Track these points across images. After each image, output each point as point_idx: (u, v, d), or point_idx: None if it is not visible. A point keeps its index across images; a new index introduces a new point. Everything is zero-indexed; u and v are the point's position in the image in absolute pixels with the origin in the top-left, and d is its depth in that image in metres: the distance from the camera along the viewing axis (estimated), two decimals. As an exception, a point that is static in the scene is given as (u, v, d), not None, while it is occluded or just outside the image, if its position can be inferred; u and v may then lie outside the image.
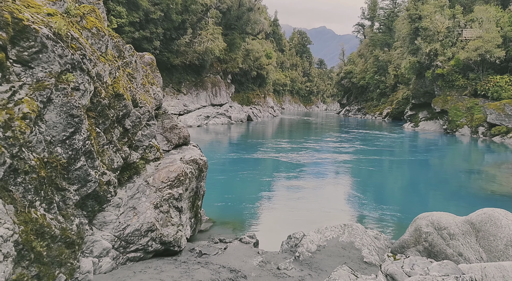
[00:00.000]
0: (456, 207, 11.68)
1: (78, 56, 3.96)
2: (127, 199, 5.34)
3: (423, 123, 49.06)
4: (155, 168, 6.03)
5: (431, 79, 44.85)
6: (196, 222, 7.28)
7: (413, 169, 19.59)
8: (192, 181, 6.41)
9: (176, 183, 5.81)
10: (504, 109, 36.53)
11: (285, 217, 9.92)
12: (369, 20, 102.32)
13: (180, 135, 7.06)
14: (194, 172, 6.64)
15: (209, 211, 9.81)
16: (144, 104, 5.50)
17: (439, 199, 12.98)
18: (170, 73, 43.69)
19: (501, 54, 37.69)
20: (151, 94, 5.95)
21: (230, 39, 51.08)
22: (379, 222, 9.80)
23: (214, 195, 12.06)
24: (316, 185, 14.07)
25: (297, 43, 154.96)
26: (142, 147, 5.71)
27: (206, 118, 46.56)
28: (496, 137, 35.74)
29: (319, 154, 22.69)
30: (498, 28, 38.98)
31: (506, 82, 39.20)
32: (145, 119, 5.57)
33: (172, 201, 5.72)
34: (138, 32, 37.09)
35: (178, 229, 5.79)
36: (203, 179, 7.18)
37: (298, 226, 8.55)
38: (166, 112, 7.00)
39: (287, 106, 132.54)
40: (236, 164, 18.68)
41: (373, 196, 12.96)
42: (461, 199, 12.83)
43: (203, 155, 7.33)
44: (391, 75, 79.34)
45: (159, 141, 6.86)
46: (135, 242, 5.05)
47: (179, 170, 5.90)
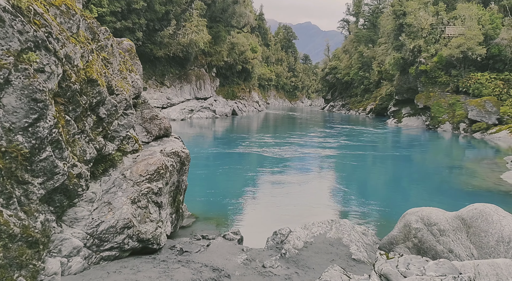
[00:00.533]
0: (440, 202, 11.64)
1: (43, 33, 3.54)
2: (101, 193, 4.94)
3: (406, 119, 49.58)
4: (133, 160, 5.63)
5: (414, 76, 45.27)
6: (177, 217, 6.92)
7: (397, 164, 19.62)
8: (173, 174, 6.04)
9: (155, 176, 5.44)
10: (485, 106, 37.15)
11: (271, 213, 9.65)
12: (354, 16, 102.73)
13: (160, 126, 6.67)
14: (176, 165, 6.27)
15: (192, 206, 9.45)
16: (121, 92, 5.09)
17: (423, 194, 12.94)
18: (153, 66, 42.77)
19: (482, 52, 38.25)
20: (129, 82, 5.54)
21: (215, 32, 50.33)
22: (366, 218, 9.63)
23: (197, 189, 11.70)
24: (301, 180, 13.85)
25: (283, 38, 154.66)
26: (118, 138, 5.31)
27: (190, 112, 45.88)
28: (477, 133, 36.34)
29: (304, 149, 22.53)
30: (479, 26, 39.54)
31: (487, 80, 39.87)
32: (122, 108, 5.17)
33: (151, 195, 5.35)
34: (120, 22, 36.08)
35: (157, 225, 5.43)
36: (185, 173, 6.82)
37: (284, 222, 8.29)
38: (146, 101, 6.59)
39: (272, 101, 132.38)
40: (220, 159, 18.32)
41: (358, 191, 12.83)
42: (444, 194, 12.83)
43: (185, 147, 6.96)
44: (375, 72, 79.96)
45: (138, 132, 6.46)
46: (109, 240, 4.67)
47: (159, 163, 5.53)
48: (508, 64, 39.31)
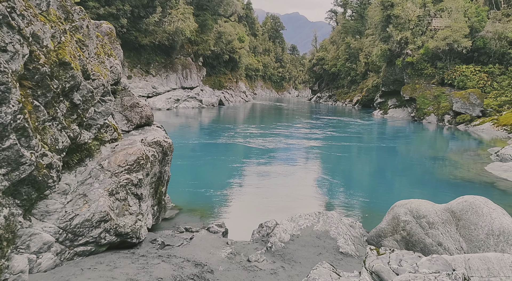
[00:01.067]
0: (426, 193, 11.64)
1: (4, 8, 3.19)
2: (76, 185, 4.63)
3: (392, 111, 49.92)
4: (112, 150, 5.32)
5: (401, 67, 45.46)
6: (159, 209, 6.65)
7: (382, 155, 19.65)
8: (154, 165, 5.75)
9: (135, 167, 5.14)
10: (469, 98, 37.58)
11: (257, 204, 9.45)
12: (341, 7, 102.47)
13: (142, 114, 6.34)
14: (157, 155, 5.98)
15: (175, 197, 9.18)
16: (98, 77, 4.75)
17: (409, 186, 12.94)
18: (138, 54, 41.84)
19: (467, 44, 38.56)
20: (107, 66, 5.18)
21: (202, 20, 49.44)
22: (353, 209, 9.52)
23: (182, 180, 11.41)
24: (288, 171, 13.68)
25: (270, 28, 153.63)
26: (95, 126, 4.98)
27: (176, 101, 45.19)
28: (461, 125, 36.81)
29: (290, 140, 22.39)
30: (465, 19, 39.79)
31: (471, 72, 40.31)
32: (99, 94, 4.83)
33: (130, 187, 5.06)
34: (103, 8, 35.04)
35: (137, 218, 5.15)
36: (168, 163, 6.53)
37: (270, 214, 8.11)
38: (126, 88, 6.24)
39: (259, 91, 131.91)
40: (206, 149, 18.02)
41: (345, 183, 12.73)
42: (430, 186, 12.85)
43: (168, 136, 6.66)
44: (362, 63, 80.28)
45: (118, 120, 6.12)
46: (84, 234, 4.38)
47: (139, 153, 5.23)
48: (492, 57, 39.79)
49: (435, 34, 42.22)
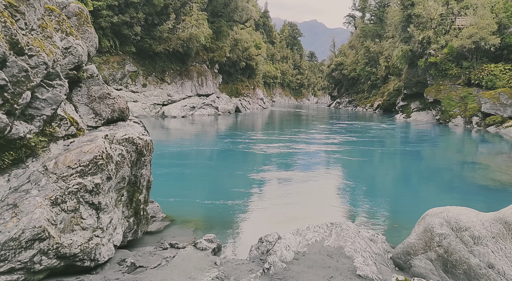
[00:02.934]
0: (461, 199, 10.14)
1: None
2: (6, 192, 3.58)
3: (415, 114, 47.80)
4: (65, 148, 4.26)
5: (423, 68, 43.48)
6: (137, 221, 5.54)
7: (407, 160, 18.06)
8: (122, 166, 4.65)
9: (91, 168, 4.06)
10: (499, 98, 35.28)
11: (261, 215, 8.21)
12: (360, 11, 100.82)
13: (114, 107, 5.29)
14: (129, 155, 4.89)
15: (169, 206, 8.08)
16: (38, 53, 3.72)
17: (439, 192, 11.43)
18: (153, 61, 41.57)
19: (496, 42, 36.38)
20: (56, 44, 4.16)
21: (217, 27, 48.98)
22: (373, 219, 8.16)
23: (180, 188, 10.35)
24: (302, 178, 12.39)
25: (288, 35, 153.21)
26: (40, 117, 3.94)
27: (191, 109, 44.61)
28: (491, 127, 34.53)
29: (308, 145, 21.09)
30: (493, 15, 37.65)
31: (501, 71, 37.98)
32: (40, 76, 3.79)
33: (83, 194, 3.97)
34: (117, 16, 34.92)
35: (93, 234, 4.04)
36: (146, 165, 5.42)
37: (275, 226, 6.89)
38: (95, 76, 5.21)
39: (278, 99, 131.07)
40: (215, 156, 16.98)
41: (365, 189, 11.35)
42: (464, 192, 11.30)
43: (147, 133, 5.57)
44: (382, 67, 78.29)
45: (83, 114, 5.09)
46: (9, 259, 3.30)
47: (97, 151, 4.14)
48: (523, 55, 37.40)
49: (459, 33, 40.18)
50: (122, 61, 37.48)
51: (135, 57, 39.26)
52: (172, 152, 17.10)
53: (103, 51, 35.42)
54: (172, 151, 17.37)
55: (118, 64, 37.04)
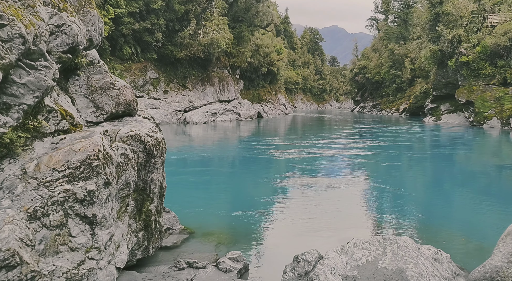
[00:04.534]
0: (507, 206, 8.79)
1: None
2: (-31, 202, 2.73)
3: (445, 117, 45.59)
4: (53, 146, 3.39)
5: (454, 69, 41.39)
6: (148, 236, 4.62)
7: (445, 165, 16.52)
8: (126, 169, 3.75)
9: (83, 171, 3.17)
10: (540, 98, 32.99)
11: (291, 227, 7.14)
12: (382, 13, 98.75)
13: (119, 99, 4.42)
14: (135, 155, 3.99)
15: (188, 217, 7.17)
16: (12, 23, 2.88)
17: (486, 200, 10.04)
18: (175, 68, 41.37)
19: (534, 38, 34.15)
20: (40, 16, 3.31)
21: (238, 32, 48.47)
22: (424, 232, 6.96)
23: (199, 197, 9.44)
24: (330, 185, 11.24)
25: (309, 40, 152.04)
26: (18, 107, 3.09)
27: (213, 115, 44.07)
28: (532, 129, 32.26)
29: (334, 150, 19.89)
30: (530, 9, 35.44)
31: (540, 69, 35.63)
32: (17, 53, 2.95)
33: (72, 204, 3.08)
34: (138, 23, 34.87)
35: (86, 256, 3.14)
36: (156, 169, 4.51)
37: (309, 240, 5.83)
38: (95, 62, 4.36)
39: (300, 104, 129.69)
40: (238, 162, 16.08)
41: (403, 197, 10.10)
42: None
43: (158, 130, 4.66)
44: (408, 69, 76.02)
45: (82, 107, 4.24)
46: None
47: (92, 149, 3.25)
48: None
49: (492, 30, 38.05)
50: (143, 68, 37.38)
51: (157, 64, 39.13)
52: (193, 158, 16.29)
53: (125, 59, 35.41)
54: (193, 157, 16.57)
55: (140, 71, 36.95)
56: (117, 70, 33.91)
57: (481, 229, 7.21)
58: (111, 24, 31.16)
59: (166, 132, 30.61)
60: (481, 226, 7.40)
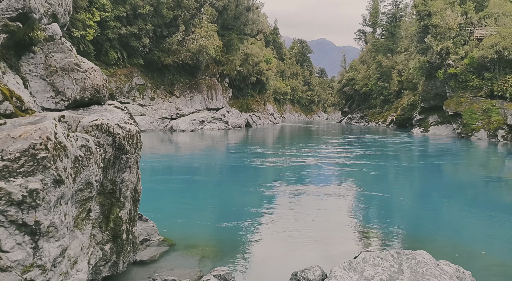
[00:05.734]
0: (493, 218, 8.25)
1: None
2: None
3: (433, 128, 45.69)
4: (-11, 132, 2.61)
5: (442, 80, 41.63)
6: (118, 249, 3.82)
7: (437, 176, 16.03)
8: (87, 165, 2.98)
9: (23, 164, 2.40)
10: (527, 110, 33.18)
11: (287, 240, 6.37)
12: (370, 26, 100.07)
13: (85, 84, 3.66)
14: (100, 149, 3.23)
15: (169, 227, 6.37)
16: None
17: (475, 211, 9.50)
18: (162, 74, 40.54)
19: (521, 51, 34.52)
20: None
21: (227, 40, 48.05)
22: (435, 245, 6.29)
23: (183, 206, 8.64)
24: (325, 194, 10.54)
25: (298, 52, 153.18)
26: None
27: (201, 123, 43.25)
28: (519, 141, 32.33)
29: (324, 160, 19.30)
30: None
31: (526, 82, 35.95)
32: None
33: (5, 208, 2.30)
34: (125, 27, 34.07)
35: (23, 278, 2.35)
36: (129, 167, 3.73)
37: (309, 255, 5.10)
38: (56, 38, 3.61)
39: (288, 115, 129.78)
40: (224, 171, 15.31)
41: (407, 208, 9.48)
42: (497, 210, 9.38)
43: (132, 122, 3.91)
44: (395, 81, 76.76)
45: (37, 91, 3.47)
46: None
47: (38, 136, 2.49)
48: (550, 64, 35.39)
49: (479, 44, 38.47)
50: (129, 74, 36.47)
51: (143, 69, 38.27)
52: (179, 166, 15.46)
53: (110, 64, 34.47)
54: (178, 165, 15.73)
55: (126, 76, 36.02)
56: (102, 75, 32.92)
57: (472, 235, 6.60)
58: (96, 27, 30.31)
59: (152, 140, 29.63)
60: (474, 233, 6.80)
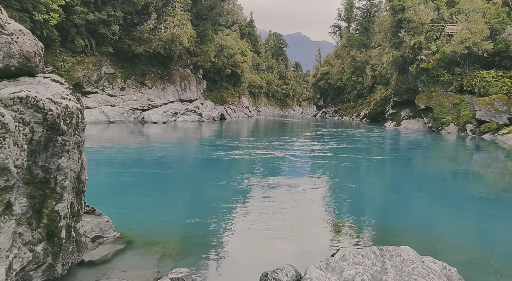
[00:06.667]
0: (454, 210, 8.13)
1: None
2: None
3: (405, 122, 46.51)
4: None
5: (414, 75, 42.28)
6: (55, 249, 3.20)
7: (401, 168, 15.96)
8: (1, 146, 2.34)
9: None
10: (494, 105, 34.14)
11: (258, 236, 5.84)
12: (345, 21, 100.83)
13: (10, 50, 2.99)
14: (25, 128, 2.59)
15: (128, 222, 5.74)
16: None
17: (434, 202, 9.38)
18: (133, 64, 39.07)
19: (489, 47, 35.39)
20: None
21: (201, 31, 46.88)
22: (418, 240, 5.96)
23: (147, 200, 7.99)
24: (298, 186, 10.11)
25: (273, 45, 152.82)
26: None
27: (174, 115, 42.12)
28: (487, 134, 33.24)
29: (298, 152, 18.99)
30: (485, 20, 36.77)
31: (493, 78, 36.98)
32: None
33: None
34: (93, 13, 32.45)
35: None
36: (67, 152, 3.10)
37: (282, 253, 4.62)
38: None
39: (263, 109, 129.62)
40: (196, 164, 14.67)
41: (387, 201, 9.20)
42: (457, 201, 9.30)
43: (73, 98, 3.26)
44: (369, 76, 77.82)
45: None
46: None
47: None
48: (516, 61, 36.49)
49: (450, 39, 39.22)
50: (98, 63, 34.87)
51: (113, 58, 36.71)
52: (147, 158, 14.67)
53: (77, 51, 32.80)
54: (146, 157, 14.94)
55: (94, 65, 34.42)
56: (68, 63, 31.31)
57: (449, 228, 6.36)
58: (61, 12, 28.65)
59: (121, 131, 28.44)
60: (454, 226, 6.57)
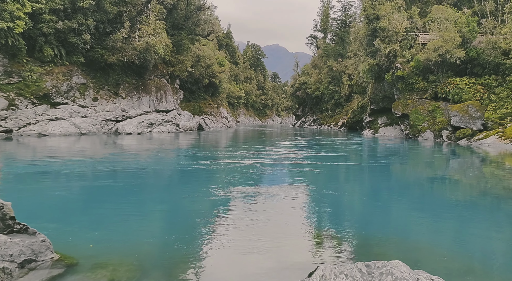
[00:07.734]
0: (431, 216, 7.73)
1: None
2: None
3: (383, 130, 46.89)
4: None
5: (390, 82, 42.79)
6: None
7: (379, 175, 15.70)
8: None
9: None
10: (468, 111, 34.72)
11: (230, 254, 5.13)
12: (321, 32, 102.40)
13: None
14: None
15: (75, 241, 4.93)
16: None
17: (412, 208, 8.98)
18: (106, 74, 37.86)
19: (461, 54, 36.20)
20: None
21: (178, 40, 46.16)
22: (404, 250, 5.40)
23: (109, 215, 7.18)
24: (275, 197, 9.49)
25: (251, 56, 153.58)
26: None
27: (149, 125, 40.94)
28: (462, 140, 33.68)
29: (277, 161, 18.42)
30: (457, 28, 37.67)
31: (466, 85, 37.78)
32: None
33: None
34: (62, 22, 31.28)
35: None
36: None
37: (257, 273, 3.95)
38: None
39: (242, 119, 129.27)
40: (169, 175, 13.86)
41: (366, 209, 8.67)
42: (434, 207, 8.94)
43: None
44: (345, 85, 78.78)
45: None
46: None
47: None
48: (487, 68, 37.42)
49: (422, 48, 39.99)
50: (68, 72, 33.55)
51: (85, 68, 35.46)
52: (116, 171, 13.73)
53: (45, 61, 31.45)
54: (115, 170, 13.99)
55: (64, 75, 33.08)
56: (36, 73, 29.94)
57: (434, 236, 5.86)
58: (28, 20, 27.43)
59: (93, 143, 27.23)
60: (437, 234, 6.08)
